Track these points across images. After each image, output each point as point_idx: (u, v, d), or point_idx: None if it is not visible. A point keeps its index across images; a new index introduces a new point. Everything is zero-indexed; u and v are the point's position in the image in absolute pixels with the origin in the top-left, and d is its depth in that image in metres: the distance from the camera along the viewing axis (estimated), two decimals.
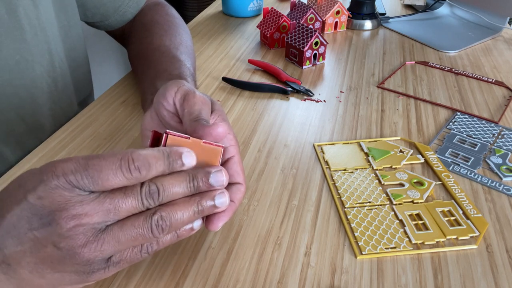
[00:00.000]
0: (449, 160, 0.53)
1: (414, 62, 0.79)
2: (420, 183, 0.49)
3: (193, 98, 0.37)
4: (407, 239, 0.42)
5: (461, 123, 0.60)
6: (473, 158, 0.53)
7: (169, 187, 0.30)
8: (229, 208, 0.35)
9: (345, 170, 0.51)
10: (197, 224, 0.33)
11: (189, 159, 0.32)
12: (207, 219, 0.35)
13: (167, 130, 0.33)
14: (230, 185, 0.37)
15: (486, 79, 0.72)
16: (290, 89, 0.67)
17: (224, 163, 0.38)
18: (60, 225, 0.27)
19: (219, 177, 0.32)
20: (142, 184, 0.30)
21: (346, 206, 0.46)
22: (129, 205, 0.29)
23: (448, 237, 0.42)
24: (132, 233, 0.29)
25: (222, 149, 0.34)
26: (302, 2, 0.89)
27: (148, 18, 0.67)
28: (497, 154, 0.54)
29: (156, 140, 0.34)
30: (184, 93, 0.38)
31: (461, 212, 0.45)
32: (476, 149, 0.55)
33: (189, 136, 0.34)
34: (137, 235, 0.29)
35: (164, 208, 0.30)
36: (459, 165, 0.52)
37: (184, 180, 0.31)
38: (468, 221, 0.43)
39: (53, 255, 0.28)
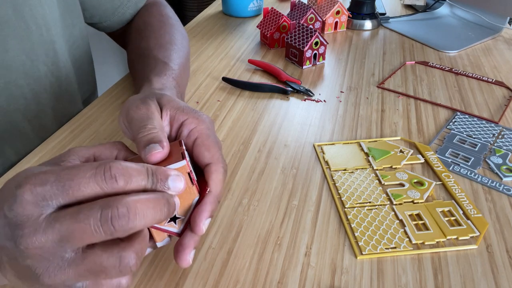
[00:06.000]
0: (449, 160, 0.53)
1: (414, 62, 0.79)
2: (420, 183, 0.48)
3: (129, 118, 0.35)
4: (407, 239, 0.42)
5: (461, 123, 0.60)
6: (473, 158, 0.53)
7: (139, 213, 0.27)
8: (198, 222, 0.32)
9: (345, 170, 0.51)
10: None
11: (178, 183, 0.29)
12: (176, 251, 0.33)
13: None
14: (204, 169, 0.35)
15: (486, 79, 0.72)
16: (290, 89, 0.67)
17: (188, 148, 0.36)
18: (19, 243, 0.26)
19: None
20: (104, 205, 0.26)
21: (346, 206, 0.46)
22: (86, 231, 0.26)
23: (448, 237, 0.42)
24: (96, 266, 0.27)
25: (181, 163, 0.31)
26: (302, 2, 0.89)
27: (142, 20, 0.67)
28: (497, 154, 0.54)
29: None
30: (125, 118, 0.36)
31: (461, 212, 0.45)
32: (476, 149, 0.55)
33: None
34: (102, 268, 0.27)
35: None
36: (459, 165, 0.52)
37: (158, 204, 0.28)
38: (468, 221, 0.43)
39: (25, 271, 0.27)
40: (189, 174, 0.32)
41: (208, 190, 0.34)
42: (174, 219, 0.32)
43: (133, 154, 0.35)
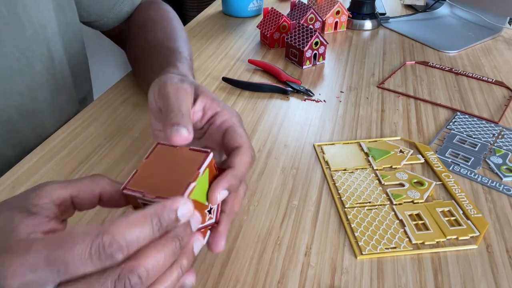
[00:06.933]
0: (449, 160, 0.53)
1: (414, 62, 0.79)
2: (420, 183, 0.48)
3: (164, 91, 0.36)
4: (407, 239, 0.42)
5: (461, 123, 0.60)
6: (473, 158, 0.53)
7: (151, 271, 0.25)
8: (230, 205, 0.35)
9: (345, 170, 0.51)
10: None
11: (185, 210, 0.27)
12: (211, 238, 0.34)
13: (158, 142, 0.33)
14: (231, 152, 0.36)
15: (486, 79, 0.72)
16: (290, 89, 0.67)
17: (222, 135, 0.38)
18: None
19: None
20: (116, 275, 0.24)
21: (346, 206, 0.46)
22: None
23: (448, 237, 0.42)
24: None
25: (211, 155, 0.32)
26: (302, 2, 0.89)
27: (142, 15, 0.67)
28: (497, 154, 0.54)
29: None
30: (158, 89, 0.37)
31: (461, 212, 0.45)
32: (476, 149, 0.55)
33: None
34: None
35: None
36: (459, 165, 0.52)
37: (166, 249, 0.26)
38: (468, 221, 0.43)
39: None
40: (214, 166, 0.33)
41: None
42: (209, 210, 0.33)
43: (117, 184, 0.32)
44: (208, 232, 0.34)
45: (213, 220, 0.34)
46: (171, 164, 0.31)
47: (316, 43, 0.74)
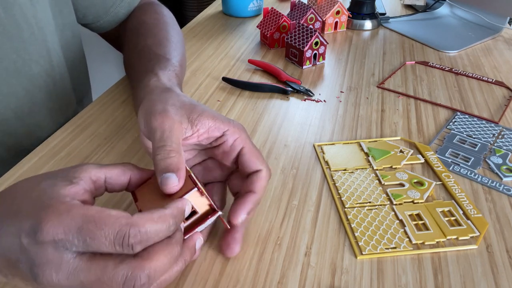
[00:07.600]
0: (449, 160, 0.53)
1: (414, 62, 0.79)
2: (420, 183, 0.48)
3: (150, 125, 0.37)
4: (407, 239, 0.42)
5: (461, 123, 0.60)
6: (473, 158, 0.53)
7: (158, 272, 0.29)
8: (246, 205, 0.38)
9: (345, 170, 0.51)
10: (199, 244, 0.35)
11: (187, 210, 0.33)
12: (223, 242, 0.38)
13: (132, 191, 0.36)
14: (248, 176, 0.39)
15: (486, 79, 0.72)
16: (290, 89, 0.67)
17: (236, 158, 0.40)
18: (39, 280, 0.27)
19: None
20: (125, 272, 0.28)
21: (346, 206, 0.46)
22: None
23: (448, 237, 0.42)
24: None
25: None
26: (302, 2, 0.89)
27: (136, 20, 0.66)
28: (497, 154, 0.54)
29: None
30: (145, 120, 0.38)
31: (461, 212, 0.45)
32: (476, 149, 0.55)
33: (149, 176, 0.36)
34: None
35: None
36: (459, 165, 0.52)
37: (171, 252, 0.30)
38: (468, 221, 0.43)
39: None
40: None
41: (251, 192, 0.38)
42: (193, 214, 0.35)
43: (145, 170, 0.37)
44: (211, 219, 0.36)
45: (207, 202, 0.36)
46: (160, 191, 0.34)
47: (316, 43, 0.74)
